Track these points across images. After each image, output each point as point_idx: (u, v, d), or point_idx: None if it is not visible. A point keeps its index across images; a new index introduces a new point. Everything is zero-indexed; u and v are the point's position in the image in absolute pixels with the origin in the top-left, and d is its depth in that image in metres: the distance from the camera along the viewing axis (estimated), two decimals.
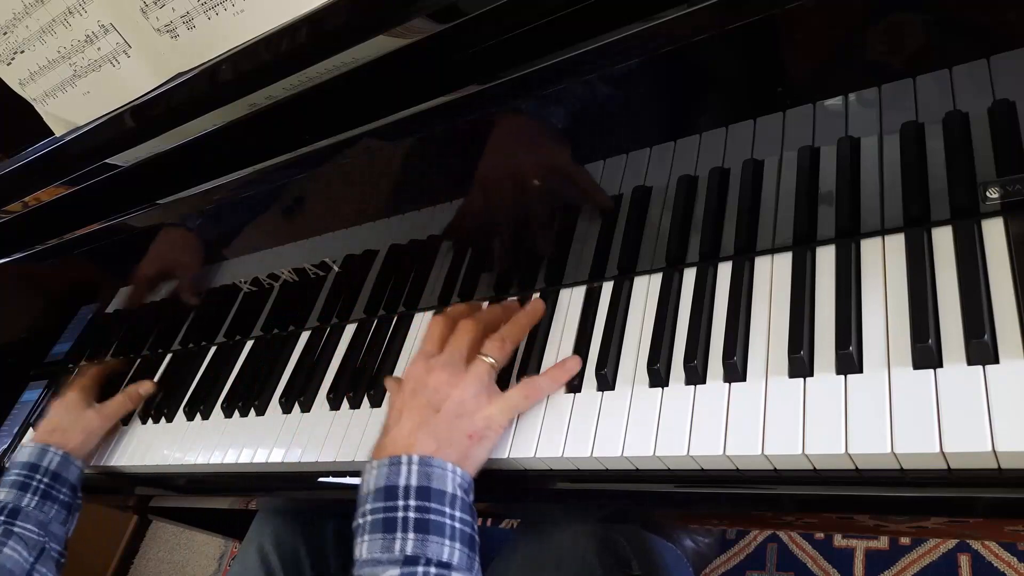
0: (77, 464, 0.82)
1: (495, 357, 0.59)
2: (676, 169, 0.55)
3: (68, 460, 0.81)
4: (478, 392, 0.57)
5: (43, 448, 0.80)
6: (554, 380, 0.59)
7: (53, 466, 0.79)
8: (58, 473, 0.79)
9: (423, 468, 0.53)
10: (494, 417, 0.56)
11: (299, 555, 0.82)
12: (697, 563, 1.09)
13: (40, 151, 0.68)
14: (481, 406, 0.57)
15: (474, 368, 0.58)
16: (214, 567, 1.67)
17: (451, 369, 0.58)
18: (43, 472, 0.78)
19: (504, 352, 0.60)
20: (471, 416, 0.56)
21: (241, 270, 0.80)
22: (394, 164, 0.64)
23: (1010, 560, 0.97)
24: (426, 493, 0.52)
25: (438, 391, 0.57)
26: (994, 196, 0.47)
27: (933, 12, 0.42)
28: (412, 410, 0.57)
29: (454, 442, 0.55)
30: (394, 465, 0.54)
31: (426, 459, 0.54)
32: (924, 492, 0.44)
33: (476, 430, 0.56)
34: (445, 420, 0.56)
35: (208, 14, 0.53)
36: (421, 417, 0.56)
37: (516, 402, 0.58)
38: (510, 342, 0.61)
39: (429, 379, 0.58)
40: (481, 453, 0.56)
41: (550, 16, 0.49)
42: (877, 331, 0.49)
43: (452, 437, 0.55)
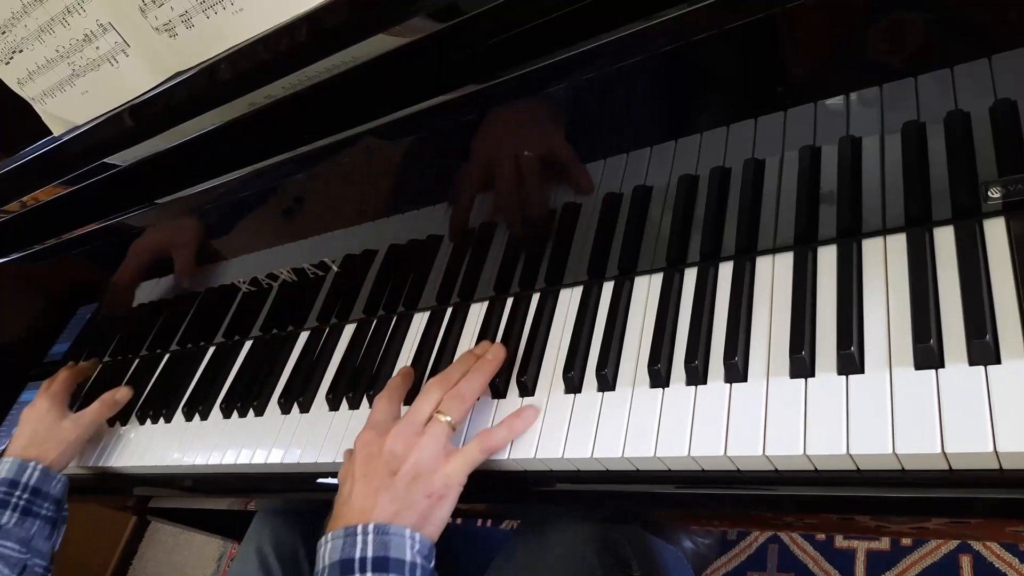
0: (58, 477, 0.80)
1: (452, 416, 0.58)
2: (677, 169, 0.55)
3: (48, 474, 0.79)
4: (435, 452, 0.56)
5: (22, 463, 0.78)
6: (511, 430, 0.58)
7: (33, 481, 0.77)
8: (39, 488, 0.77)
9: (379, 537, 0.52)
10: (452, 476, 0.55)
11: (298, 556, 0.82)
12: (697, 564, 1.09)
13: (39, 151, 0.68)
14: (439, 465, 0.55)
15: (431, 429, 0.57)
16: (213, 568, 1.67)
17: (407, 432, 0.57)
18: (23, 488, 0.76)
19: (462, 409, 0.59)
20: (428, 476, 0.55)
21: (240, 270, 0.79)
22: (393, 163, 0.63)
23: (1011, 561, 0.97)
24: (383, 564, 0.51)
25: (395, 454, 0.56)
26: (996, 196, 0.47)
27: (934, 11, 0.42)
28: (367, 476, 0.55)
29: (413, 504, 0.54)
30: (349, 536, 0.52)
31: (382, 527, 0.52)
32: (925, 492, 0.44)
33: (434, 490, 0.55)
34: (403, 482, 0.54)
35: (207, 13, 0.53)
36: (378, 480, 0.55)
37: (473, 457, 0.56)
38: (470, 399, 0.60)
39: (384, 443, 0.57)
40: (442, 513, 0.55)
41: (549, 15, 0.49)
42: (879, 331, 0.49)
43: (411, 499, 0.54)
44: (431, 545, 0.54)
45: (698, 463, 0.51)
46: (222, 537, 1.46)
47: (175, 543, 1.77)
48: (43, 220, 0.78)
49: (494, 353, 0.63)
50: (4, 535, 0.73)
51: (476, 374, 0.61)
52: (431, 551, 0.54)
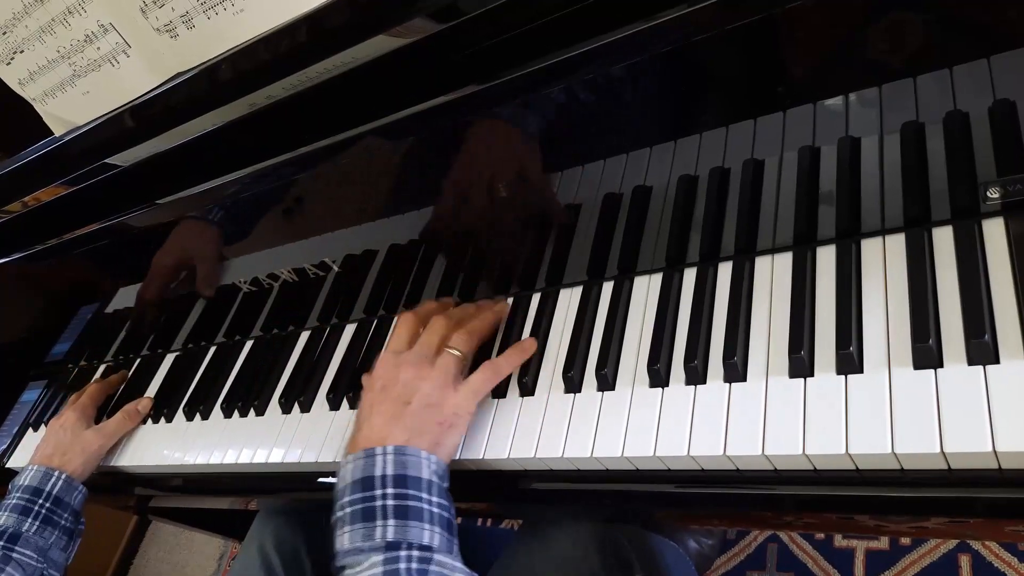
0: (80, 489, 0.81)
1: (461, 350, 0.61)
2: (676, 169, 0.55)
3: (71, 484, 0.79)
4: (445, 383, 0.59)
5: (46, 471, 0.79)
6: (511, 361, 0.62)
7: (56, 490, 0.78)
8: (60, 498, 0.78)
9: (398, 457, 0.55)
10: (461, 404, 0.59)
11: (300, 555, 0.82)
12: (700, 563, 1.09)
13: (40, 151, 0.68)
14: (448, 395, 0.59)
15: (441, 361, 0.60)
16: (213, 567, 1.67)
17: (419, 364, 0.60)
18: (45, 496, 0.77)
19: (470, 344, 0.62)
20: (440, 405, 0.58)
21: (241, 270, 0.79)
22: (393, 164, 0.63)
23: (1010, 560, 0.97)
24: (403, 481, 0.54)
25: (407, 385, 0.59)
26: (995, 196, 0.47)
27: (933, 11, 0.42)
28: (382, 404, 0.59)
29: (425, 431, 0.57)
30: (369, 457, 0.55)
31: (400, 448, 0.55)
32: (924, 492, 0.44)
33: (445, 418, 0.58)
34: (415, 411, 0.57)
35: (207, 14, 0.53)
36: (392, 410, 0.58)
37: (478, 385, 0.60)
38: (477, 335, 0.63)
39: (398, 374, 0.60)
40: (453, 439, 0.59)
41: (549, 16, 0.49)
42: (877, 331, 0.49)
43: (423, 427, 0.57)
44: (445, 466, 0.57)
45: (697, 462, 0.51)
46: (223, 536, 1.46)
47: (176, 542, 1.77)
48: (44, 220, 0.78)
49: (500, 304, 0.67)
50: (24, 543, 0.73)
51: (484, 317, 0.65)
52: (445, 471, 0.57)
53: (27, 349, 1.08)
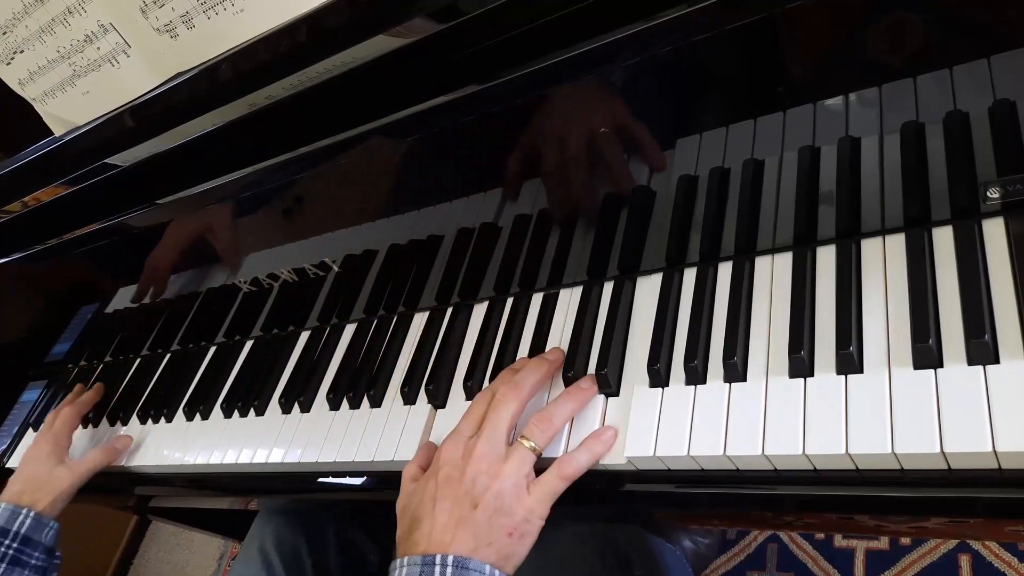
0: (51, 525, 0.78)
1: (537, 442, 0.54)
2: (676, 169, 0.55)
3: (40, 522, 0.77)
4: (518, 483, 0.52)
5: (14, 510, 0.77)
6: (592, 454, 0.54)
7: (24, 530, 0.76)
8: (29, 537, 0.76)
9: (459, 571, 0.49)
10: (534, 510, 0.52)
11: (301, 555, 0.82)
12: (697, 563, 1.09)
13: (40, 151, 0.68)
14: (521, 498, 0.52)
15: (515, 456, 0.53)
16: (213, 567, 1.67)
17: (490, 457, 0.53)
18: (12, 537, 0.75)
19: (548, 436, 0.54)
20: (511, 511, 0.51)
21: (241, 270, 0.79)
22: (393, 164, 0.63)
23: (1010, 560, 0.97)
24: None
25: (476, 482, 0.52)
26: (995, 196, 0.47)
27: (933, 11, 0.42)
28: (446, 501, 0.52)
29: (493, 541, 0.51)
30: (427, 566, 0.49)
31: (461, 560, 0.49)
32: (924, 492, 0.44)
33: (516, 526, 0.51)
34: (484, 516, 0.51)
35: (207, 14, 0.53)
36: (458, 512, 0.51)
37: (554, 488, 0.53)
38: (558, 424, 0.55)
39: (467, 467, 0.53)
40: (522, 550, 0.52)
41: (549, 16, 0.49)
42: (877, 331, 0.49)
43: (491, 535, 0.51)
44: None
45: (697, 463, 0.51)
46: (223, 536, 1.46)
47: (176, 542, 1.77)
48: (44, 220, 0.78)
49: (588, 383, 0.57)
50: None
51: (568, 401, 0.56)
52: None
53: (27, 349, 1.08)
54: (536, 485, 0.53)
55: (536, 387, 0.58)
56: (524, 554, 0.52)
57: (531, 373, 0.58)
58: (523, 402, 0.56)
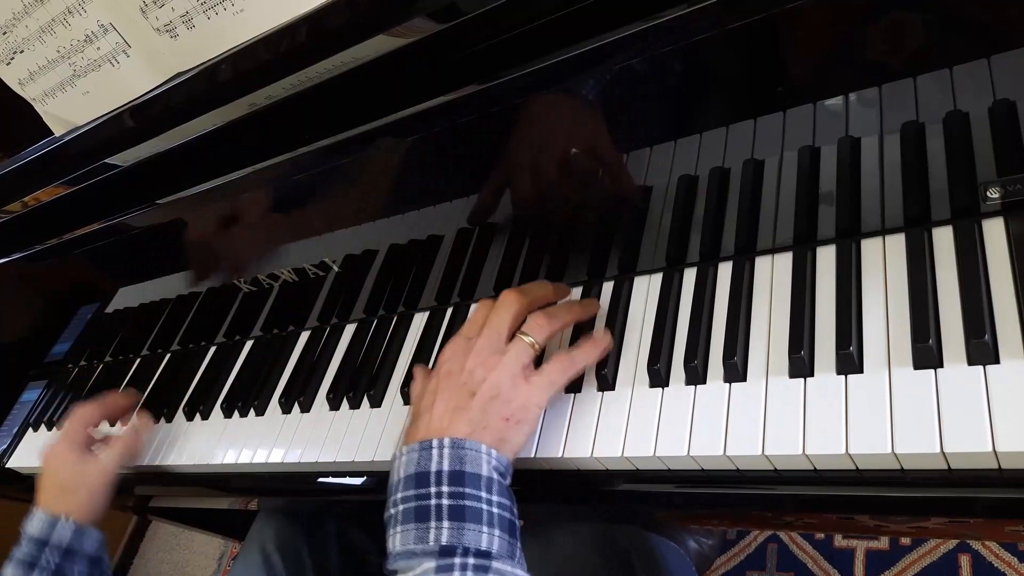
0: (94, 534, 0.74)
1: (536, 337, 0.55)
2: (676, 169, 0.55)
3: (81, 532, 0.72)
4: (515, 374, 0.54)
5: (51, 519, 0.72)
6: (589, 354, 0.56)
7: (65, 542, 0.71)
8: (71, 548, 0.71)
9: (455, 451, 0.50)
10: (531, 397, 0.54)
11: (301, 555, 0.82)
12: (700, 563, 1.09)
13: (40, 151, 0.68)
14: (518, 387, 0.53)
15: (512, 348, 0.55)
16: (213, 567, 1.67)
17: (489, 350, 0.55)
18: (52, 548, 0.70)
19: (546, 332, 0.56)
20: (507, 398, 0.53)
21: (241, 270, 0.79)
22: (393, 164, 0.63)
23: (1010, 560, 0.97)
24: (459, 478, 0.49)
25: (474, 373, 0.54)
26: (994, 196, 0.47)
27: (933, 11, 0.42)
28: (445, 392, 0.54)
29: (489, 425, 0.52)
30: (424, 450, 0.51)
31: (458, 441, 0.51)
32: (924, 492, 0.44)
33: (512, 412, 0.53)
34: (480, 403, 0.53)
35: (208, 14, 0.53)
36: (456, 400, 0.53)
37: (553, 378, 0.55)
38: (557, 322, 0.57)
39: (466, 361, 0.55)
40: (519, 436, 0.54)
41: (550, 16, 0.49)
42: (877, 331, 0.49)
43: (487, 420, 0.52)
44: (508, 462, 0.53)
45: (698, 463, 0.51)
46: (223, 536, 1.46)
47: (176, 542, 1.77)
48: (44, 220, 0.78)
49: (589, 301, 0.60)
50: None
51: (572, 308, 0.58)
52: (508, 468, 0.53)
53: (27, 349, 1.08)
54: (535, 374, 0.54)
55: (539, 300, 0.59)
56: (521, 441, 0.54)
57: (537, 287, 0.60)
58: (525, 307, 0.57)
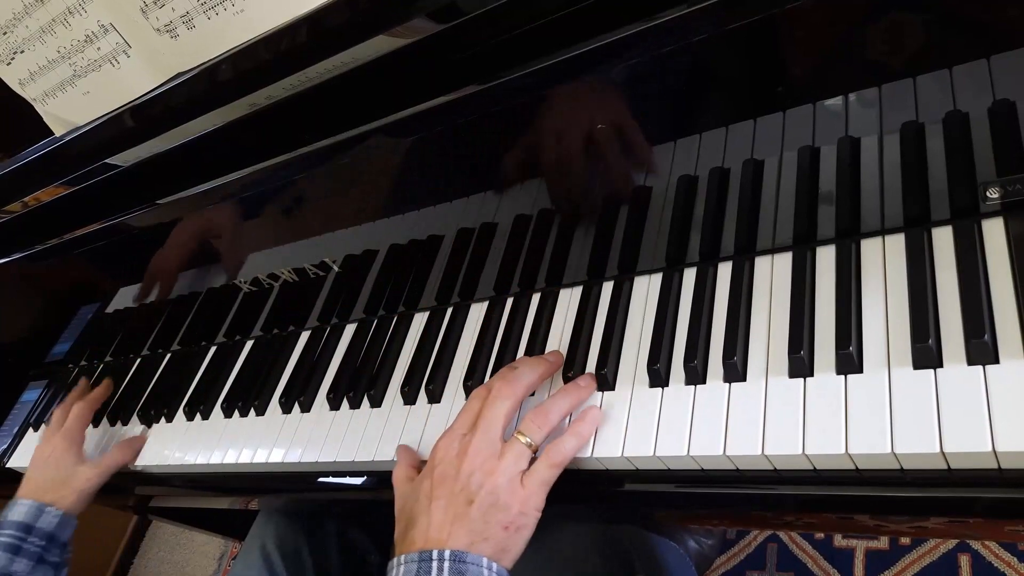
0: (73, 522, 0.78)
1: (533, 438, 0.54)
2: (676, 169, 0.55)
3: (65, 521, 0.76)
4: (513, 478, 0.52)
5: (39, 508, 0.75)
6: (579, 437, 0.54)
7: (49, 527, 0.75)
8: (54, 535, 0.75)
9: (456, 565, 0.49)
10: (529, 501, 0.52)
11: (301, 555, 0.82)
12: (700, 563, 1.09)
13: (40, 151, 0.68)
14: (516, 493, 0.52)
15: (510, 451, 0.53)
16: (214, 567, 1.67)
17: (485, 453, 0.53)
18: (37, 534, 0.74)
19: (544, 432, 0.54)
20: (506, 505, 0.51)
21: (241, 270, 0.79)
22: (393, 164, 0.64)
23: (1010, 560, 0.97)
24: None
25: (471, 478, 0.52)
26: (994, 196, 0.47)
27: (933, 11, 0.42)
28: (441, 497, 0.52)
29: (490, 536, 0.51)
30: (424, 562, 0.49)
31: (459, 554, 0.49)
32: (924, 492, 0.44)
33: (512, 520, 0.51)
34: (479, 512, 0.51)
35: (208, 14, 0.53)
36: (454, 508, 0.51)
37: (546, 476, 0.53)
38: (555, 418, 0.55)
39: (462, 464, 0.53)
40: (519, 544, 0.52)
41: (550, 16, 0.49)
42: (877, 331, 0.49)
43: (487, 531, 0.51)
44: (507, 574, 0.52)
45: (697, 462, 0.51)
46: (223, 536, 1.46)
47: (176, 542, 1.77)
48: (44, 220, 0.78)
49: (586, 381, 0.57)
50: None
51: (565, 397, 0.56)
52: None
53: (27, 349, 1.08)
54: (528, 477, 0.53)
55: (532, 385, 0.58)
56: (521, 548, 0.52)
57: (528, 371, 0.58)
58: (519, 399, 0.56)
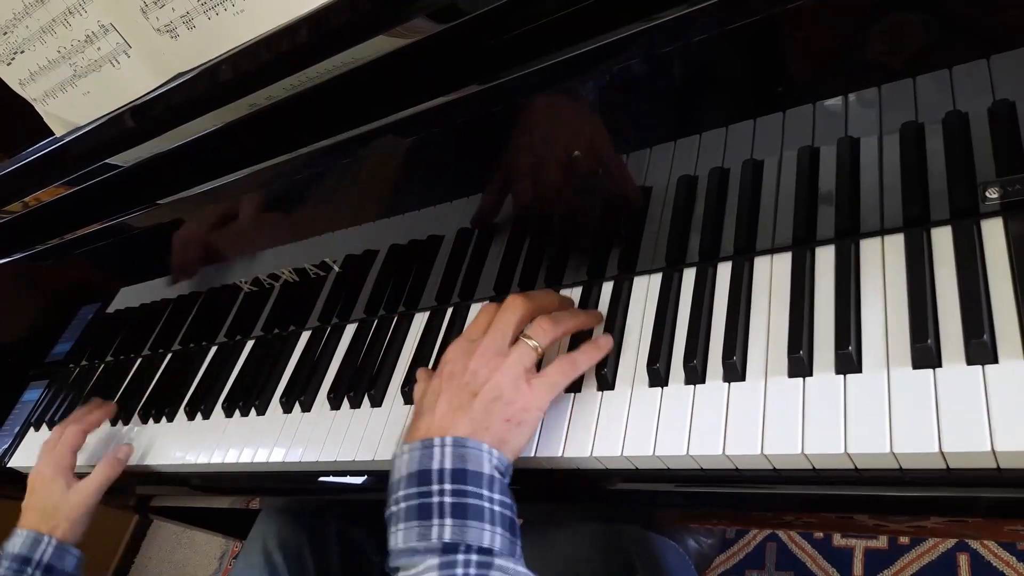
0: (74, 553, 0.77)
1: (539, 341, 0.56)
2: (676, 169, 0.55)
3: (63, 550, 0.76)
4: (517, 376, 0.54)
5: (36, 538, 0.75)
6: (590, 356, 0.57)
7: (47, 558, 0.74)
8: (52, 565, 0.74)
9: (457, 449, 0.51)
10: (532, 400, 0.54)
11: (303, 554, 0.82)
12: (700, 563, 1.09)
13: (40, 151, 0.68)
14: (520, 389, 0.54)
15: (515, 351, 0.55)
16: (215, 566, 1.68)
17: (492, 352, 0.55)
18: (35, 565, 0.74)
19: (550, 337, 0.57)
20: (509, 400, 0.54)
21: (242, 270, 0.80)
22: (394, 164, 0.64)
23: (1009, 559, 0.97)
24: (462, 475, 0.50)
25: (477, 374, 0.55)
26: (993, 196, 0.48)
27: (933, 12, 0.42)
28: (448, 392, 0.55)
29: (491, 426, 0.53)
30: (427, 448, 0.51)
31: (460, 440, 0.51)
32: (923, 492, 0.45)
33: (513, 414, 0.53)
34: (482, 404, 0.53)
35: (208, 14, 0.53)
36: (458, 400, 0.54)
37: (554, 380, 0.55)
38: (561, 327, 0.58)
39: (469, 362, 0.55)
40: (520, 438, 0.54)
41: (550, 16, 0.49)
42: (876, 331, 0.49)
43: (489, 421, 0.53)
44: (508, 463, 0.53)
45: (697, 462, 0.51)
46: (224, 535, 1.46)
47: (177, 541, 1.78)
48: (45, 220, 0.78)
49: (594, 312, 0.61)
50: None
51: (577, 316, 0.59)
52: (508, 468, 0.53)
53: (28, 349, 1.08)
54: (537, 378, 0.55)
55: (545, 308, 0.59)
56: (521, 443, 0.54)
57: (544, 293, 0.61)
58: (530, 311, 0.57)
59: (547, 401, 0.55)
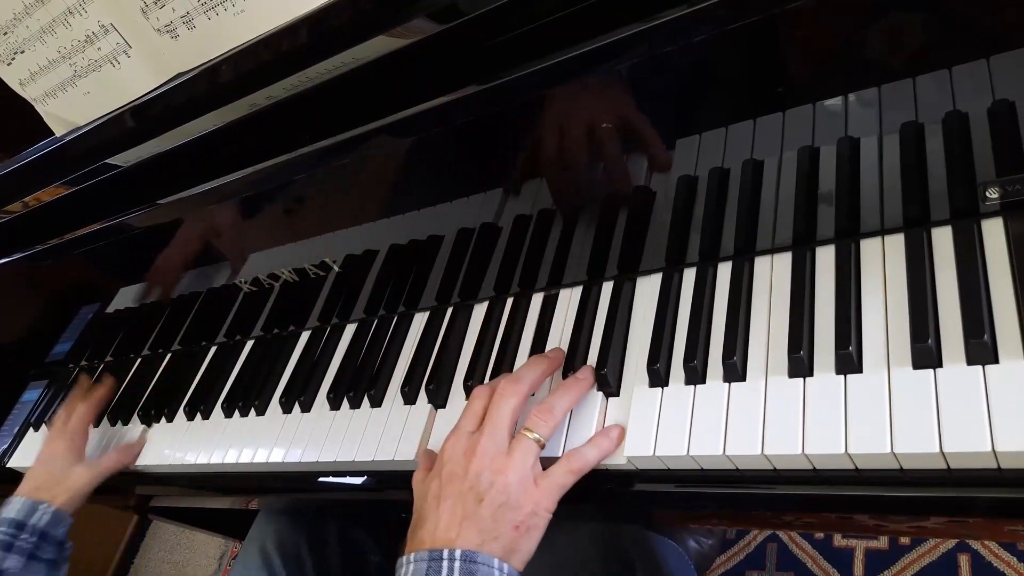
0: (67, 519, 0.79)
1: (541, 433, 0.53)
2: (676, 169, 0.55)
3: (59, 517, 0.77)
4: (524, 477, 0.52)
5: (33, 504, 0.76)
6: (600, 449, 0.54)
7: (42, 524, 0.76)
8: (46, 531, 0.76)
9: (467, 565, 0.48)
10: (541, 502, 0.51)
11: (301, 555, 0.82)
12: (700, 563, 1.09)
13: (40, 151, 0.68)
14: (527, 492, 0.51)
15: (519, 448, 0.53)
16: (214, 567, 1.68)
17: (493, 450, 0.52)
18: (30, 530, 0.75)
19: (551, 427, 0.54)
20: (517, 504, 0.51)
21: (242, 270, 0.80)
22: (394, 164, 0.64)
23: (1009, 560, 0.97)
24: None
25: (480, 477, 0.51)
26: (994, 196, 0.48)
27: (933, 12, 0.42)
28: (451, 498, 0.52)
29: (500, 535, 0.50)
30: (434, 561, 0.49)
31: (469, 554, 0.49)
32: (924, 492, 0.44)
33: (523, 519, 0.51)
34: (489, 511, 0.50)
35: (208, 14, 0.53)
36: (463, 508, 0.51)
37: (563, 481, 0.52)
38: (559, 414, 0.55)
39: (470, 463, 0.52)
40: (529, 544, 0.51)
41: (550, 16, 0.49)
42: (877, 331, 0.49)
43: (497, 530, 0.50)
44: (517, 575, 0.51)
45: (697, 462, 0.51)
46: (223, 536, 1.46)
47: (176, 542, 1.77)
48: (45, 220, 0.79)
49: (585, 373, 0.58)
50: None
51: (568, 391, 0.56)
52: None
53: (28, 349, 1.08)
54: (544, 478, 0.52)
55: (535, 383, 0.58)
56: (532, 549, 0.52)
57: (531, 369, 0.58)
58: (524, 397, 0.56)
59: (555, 502, 0.52)
